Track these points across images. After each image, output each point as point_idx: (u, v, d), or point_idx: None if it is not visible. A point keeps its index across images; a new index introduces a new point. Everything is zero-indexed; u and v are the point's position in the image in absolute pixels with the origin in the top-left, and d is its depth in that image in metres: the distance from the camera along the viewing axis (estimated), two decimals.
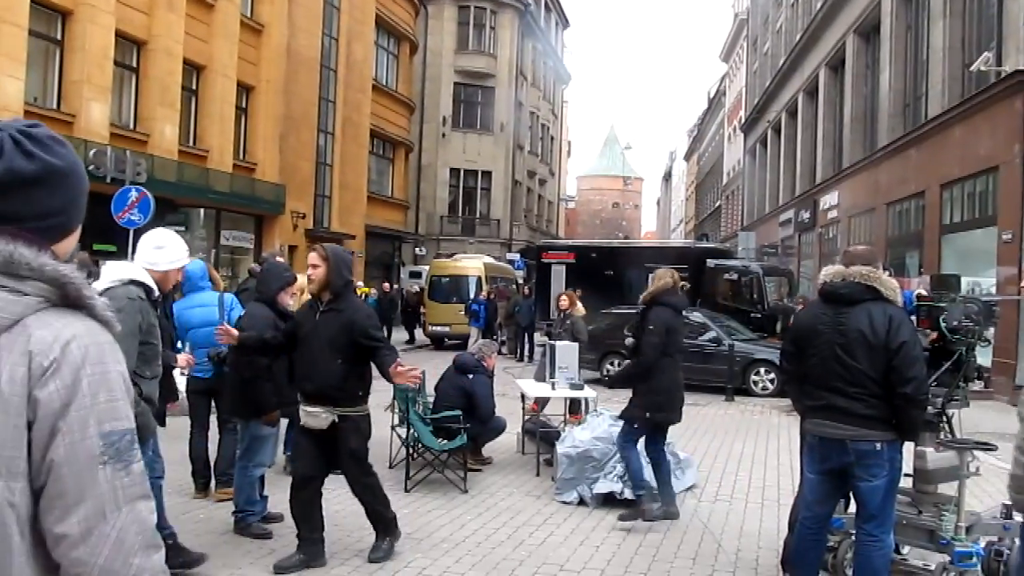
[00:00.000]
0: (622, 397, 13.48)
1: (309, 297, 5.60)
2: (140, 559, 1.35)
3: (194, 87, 21.02)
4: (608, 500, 6.89)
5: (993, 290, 14.34)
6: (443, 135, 40.74)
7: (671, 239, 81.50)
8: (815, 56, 29.73)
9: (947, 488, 4.87)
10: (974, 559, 4.49)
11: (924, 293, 6.11)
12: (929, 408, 4.58)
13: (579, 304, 10.92)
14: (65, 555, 1.32)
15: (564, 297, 11.19)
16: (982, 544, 4.64)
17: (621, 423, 7.51)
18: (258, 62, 23.12)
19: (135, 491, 1.37)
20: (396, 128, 34.40)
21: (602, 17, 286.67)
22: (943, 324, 4.85)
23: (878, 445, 4.17)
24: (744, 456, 9.38)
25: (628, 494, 6.81)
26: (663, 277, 6.59)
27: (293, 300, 7.01)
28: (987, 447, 4.76)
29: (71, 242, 1.51)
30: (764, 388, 15.09)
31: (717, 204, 60.88)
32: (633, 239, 70.69)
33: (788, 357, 4.69)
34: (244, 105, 23.08)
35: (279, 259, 8.71)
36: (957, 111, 17.01)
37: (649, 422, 6.44)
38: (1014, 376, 13.96)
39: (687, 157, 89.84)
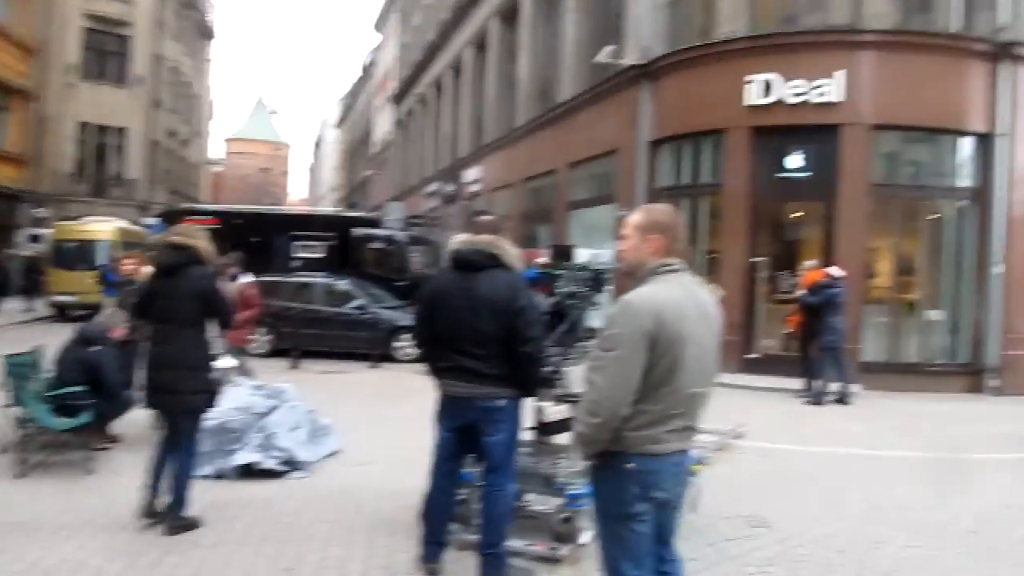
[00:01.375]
0: (267, 368, 13.30)
1: None
2: None
3: None
4: (248, 472, 6.76)
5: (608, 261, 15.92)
6: (70, 85, 36.99)
7: (321, 207, 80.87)
8: (461, 35, 30.88)
9: (562, 440, 5.38)
10: (583, 500, 5.01)
11: (543, 262, 6.68)
12: (547, 366, 5.03)
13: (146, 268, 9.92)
14: None
15: (128, 260, 9.95)
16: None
17: (262, 391, 7.43)
18: None
19: None
20: (13, 73, 30.64)
21: None
22: (559, 291, 5.35)
23: (501, 402, 4.51)
24: (386, 420, 9.64)
25: (269, 464, 6.75)
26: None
27: None
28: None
29: None
30: (407, 354, 15.49)
31: (368, 173, 61.34)
32: (282, 206, 69.22)
33: (421, 320, 4.84)
34: None
35: None
36: (584, 97, 18.58)
37: None
38: None
39: (339, 125, 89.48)
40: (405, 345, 15.59)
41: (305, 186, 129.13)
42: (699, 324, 3.05)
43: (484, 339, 4.45)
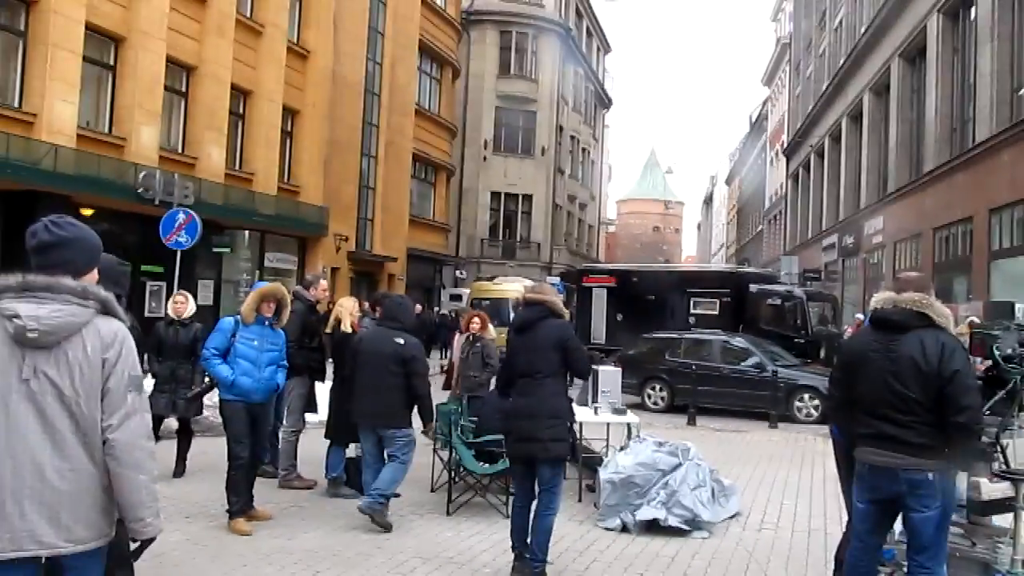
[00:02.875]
0: (663, 423, 13.46)
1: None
2: (145, 441, 2.72)
3: (241, 111, 21.40)
4: (651, 527, 6.82)
5: None
6: (484, 159, 40.97)
7: (712, 263, 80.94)
8: (859, 80, 29.50)
9: (1001, 520, 4.77)
10: None
11: (976, 320, 6.01)
12: (983, 437, 4.50)
13: (490, 327, 10.23)
14: (109, 436, 2.64)
15: (476, 319, 10.31)
16: None
17: (665, 448, 7.46)
18: (304, 87, 23.49)
19: (143, 406, 2.76)
20: (438, 152, 34.67)
21: (644, 42, 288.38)
22: (997, 352, 4.77)
23: (930, 475, 4.09)
24: (789, 484, 9.24)
25: (672, 521, 6.74)
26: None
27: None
28: None
29: (92, 276, 2.81)
30: (808, 415, 14.86)
31: (759, 228, 60.43)
32: (674, 263, 70.31)
33: (836, 383, 4.60)
34: (289, 129, 23.44)
35: (319, 278, 8.83)
36: (1006, 135, 16.76)
37: None
38: None
39: (728, 181, 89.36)
40: (806, 405, 14.97)
41: (693, 243, 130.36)
42: None
43: (910, 405, 4.09)
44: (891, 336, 4.21)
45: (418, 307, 26.40)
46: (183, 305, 8.62)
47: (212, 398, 8.14)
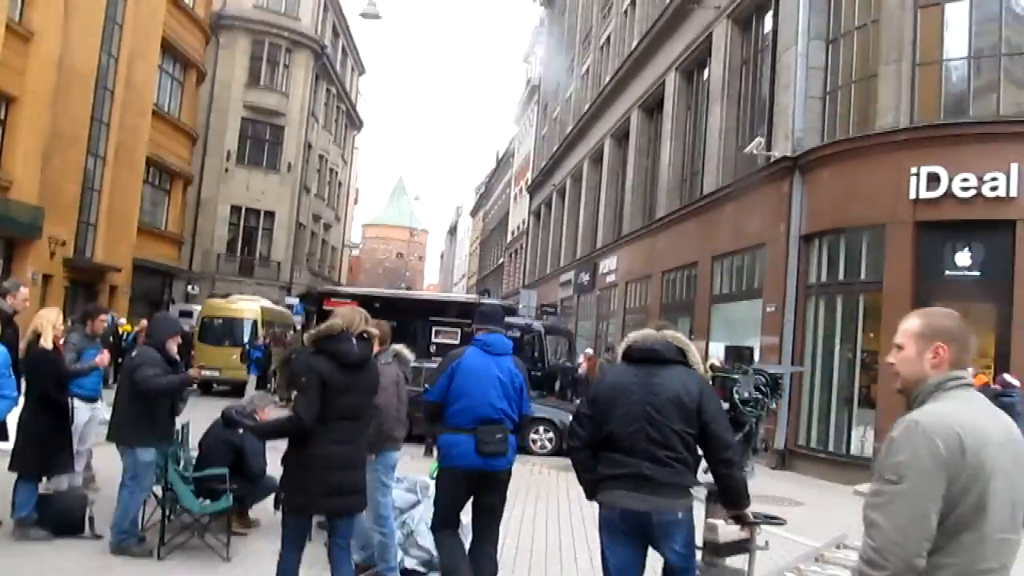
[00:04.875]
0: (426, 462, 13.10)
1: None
2: None
3: None
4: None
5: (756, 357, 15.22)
6: (226, 170, 39.05)
7: (453, 293, 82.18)
8: (601, 126, 31.05)
9: (734, 561, 4.84)
10: None
11: (717, 364, 6.19)
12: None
13: None
14: None
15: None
16: None
17: (402, 484, 7.11)
18: (23, 71, 21.16)
19: None
20: (175, 158, 32.54)
21: (398, 67, 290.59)
22: (736, 395, 4.87)
23: (680, 514, 4.04)
24: (526, 518, 9.19)
25: (409, 563, 6.40)
26: (339, 316, 5.19)
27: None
28: (775, 520, 4.77)
29: None
30: (543, 447, 15.11)
31: (500, 261, 62.07)
32: (415, 290, 70.63)
33: (584, 421, 4.33)
34: (2, 117, 21.02)
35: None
36: (730, 189, 18.11)
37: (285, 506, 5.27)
38: (774, 441, 14.81)
39: (473, 213, 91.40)
40: (541, 438, 15.20)
41: (436, 272, 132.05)
42: (1004, 451, 2.39)
43: (670, 439, 4.01)
44: (651, 370, 4.13)
45: (143, 322, 24.64)
46: None
47: None
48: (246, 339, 22.76)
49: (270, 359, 21.44)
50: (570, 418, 15.63)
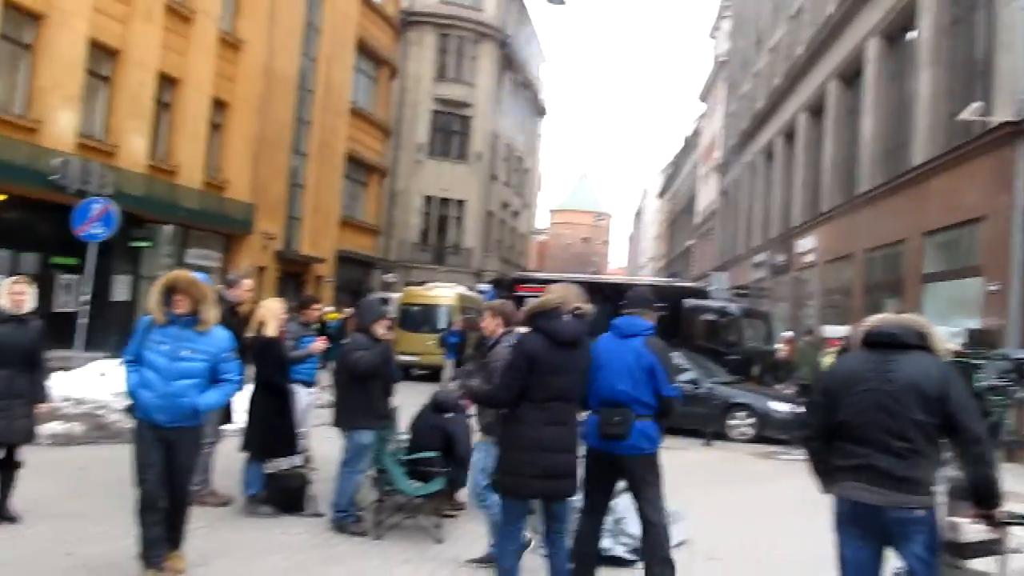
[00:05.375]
0: None
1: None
2: None
3: (167, 100, 20.46)
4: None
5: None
6: (418, 161, 40.38)
7: (639, 276, 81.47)
8: (795, 100, 29.77)
9: (978, 564, 4.46)
10: None
11: (957, 347, 5.72)
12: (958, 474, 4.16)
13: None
14: None
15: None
16: None
17: None
18: (234, 79, 22.62)
19: None
20: (371, 152, 33.94)
21: (581, 54, 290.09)
22: (978, 383, 4.47)
23: (922, 512, 3.74)
24: (734, 508, 8.92)
25: (619, 551, 6.34)
26: (553, 292, 5.20)
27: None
28: None
29: None
30: (742, 433, 14.66)
31: (689, 243, 60.92)
32: (602, 275, 70.49)
33: (815, 410, 4.14)
34: (218, 121, 22.55)
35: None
36: (942, 160, 16.89)
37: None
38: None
39: (660, 195, 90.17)
40: (740, 423, 14.77)
41: (622, 255, 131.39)
42: None
43: (907, 429, 3.72)
44: (888, 356, 3.85)
45: (346, 310, 25.83)
46: (22, 296, 6.50)
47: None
48: (443, 325, 23.39)
49: (465, 344, 21.93)
50: (770, 403, 15.11)
